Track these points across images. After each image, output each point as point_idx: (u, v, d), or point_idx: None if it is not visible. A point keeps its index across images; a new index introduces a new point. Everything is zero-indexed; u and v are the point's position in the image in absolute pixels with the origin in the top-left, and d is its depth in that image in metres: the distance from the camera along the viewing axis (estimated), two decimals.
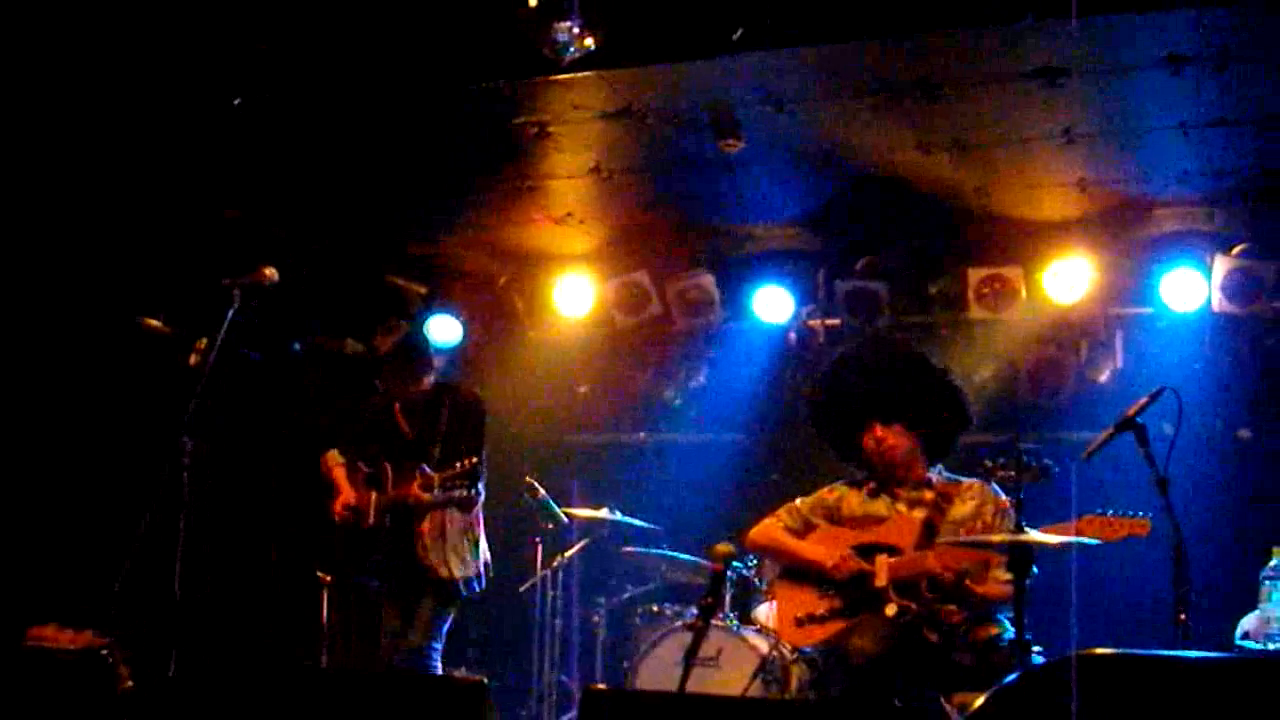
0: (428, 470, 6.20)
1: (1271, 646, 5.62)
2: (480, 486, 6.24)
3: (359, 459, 6.54)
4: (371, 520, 6.36)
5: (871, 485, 5.86)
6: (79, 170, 6.96)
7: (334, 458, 6.63)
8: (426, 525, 6.28)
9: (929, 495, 5.73)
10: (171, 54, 6.17)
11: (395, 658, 6.21)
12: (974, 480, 5.78)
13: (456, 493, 6.17)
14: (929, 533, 5.58)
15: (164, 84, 6.34)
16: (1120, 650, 3.31)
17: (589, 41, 5.61)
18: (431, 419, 6.42)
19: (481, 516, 6.48)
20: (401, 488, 6.27)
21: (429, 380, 6.55)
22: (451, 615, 6.39)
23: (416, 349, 6.58)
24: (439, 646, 6.30)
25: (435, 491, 6.15)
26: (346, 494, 6.45)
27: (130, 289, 7.27)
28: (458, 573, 6.28)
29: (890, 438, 5.76)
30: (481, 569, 6.43)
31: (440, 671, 6.29)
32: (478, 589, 6.41)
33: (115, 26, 6.00)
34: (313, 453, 6.70)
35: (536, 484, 7.32)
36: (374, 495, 6.39)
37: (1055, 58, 5.87)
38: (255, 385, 7.69)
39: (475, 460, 6.11)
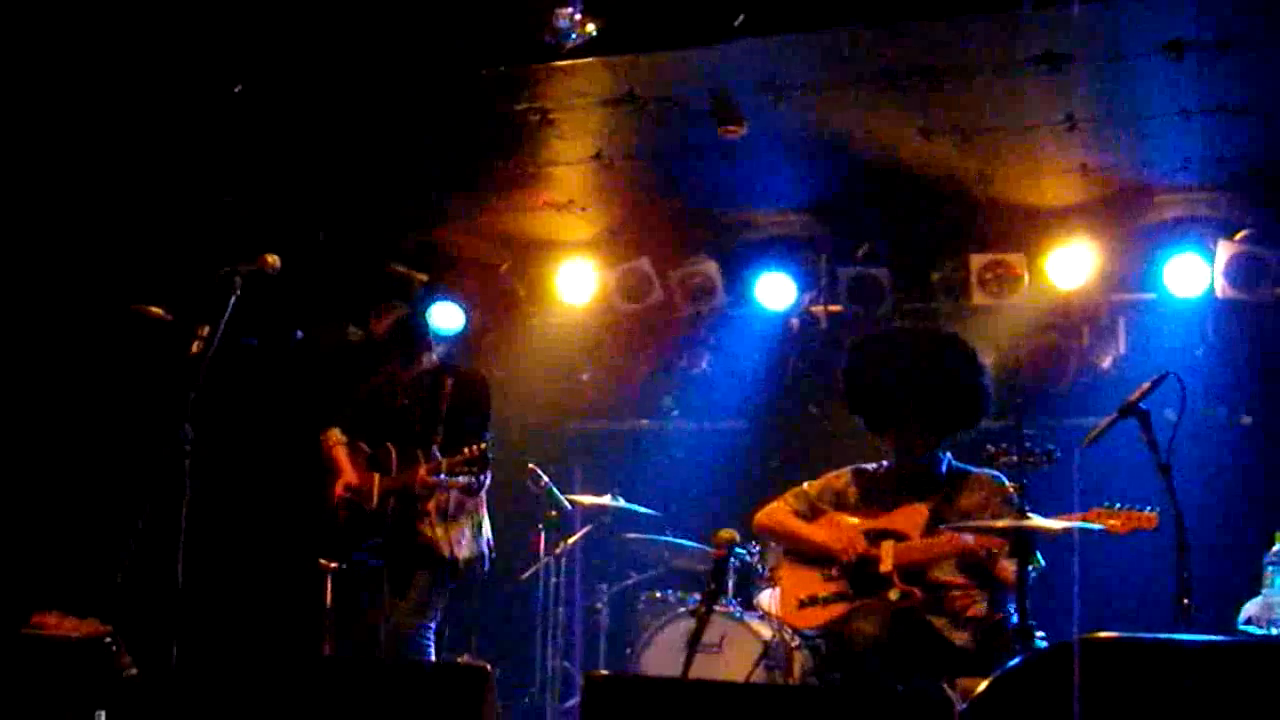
0: (437, 455, 6.16)
1: (1274, 631, 5.62)
2: (488, 473, 6.20)
3: (360, 439, 6.50)
4: (374, 503, 6.32)
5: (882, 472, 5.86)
6: (81, 158, 6.96)
7: (335, 436, 6.52)
8: (430, 505, 6.24)
9: (938, 485, 5.73)
10: (173, 41, 6.16)
11: (386, 630, 6.16)
12: (984, 471, 5.76)
13: (464, 478, 6.13)
14: (936, 521, 5.57)
15: (165, 71, 6.33)
16: (1123, 635, 3.31)
17: (590, 28, 5.61)
18: (434, 399, 6.36)
19: (485, 499, 6.46)
20: (407, 472, 6.21)
21: (427, 360, 6.51)
22: (448, 594, 6.31)
23: (414, 330, 6.53)
24: (433, 625, 6.21)
25: (441, 475, 6.12)
26: (348, 474, 6.35)
27: (132, 277, 7.26)
28: (459, 553, 6.23)
29: (922, 442, 5.74)
30: (484, 551, 6.38)
31: (433, 649, 6.22)
32: (481, 570, 6.38)
33: (117, 14, 6.00)
34: (314, 438, 6.66)
35: (539, 471, 7.32)
36: (376, 477, 6.32)
37: (1057, 44, 5.86)
38: (257, 373, 7.69)
39: (483, 446, 6.06)
